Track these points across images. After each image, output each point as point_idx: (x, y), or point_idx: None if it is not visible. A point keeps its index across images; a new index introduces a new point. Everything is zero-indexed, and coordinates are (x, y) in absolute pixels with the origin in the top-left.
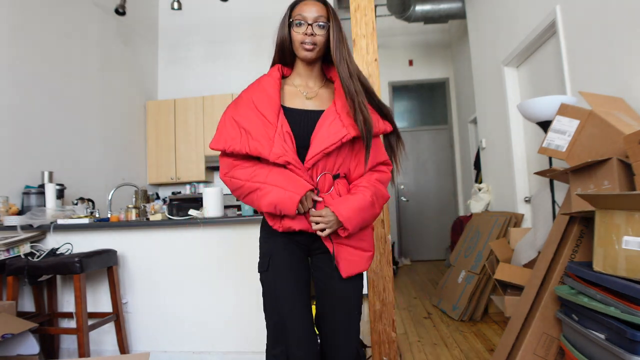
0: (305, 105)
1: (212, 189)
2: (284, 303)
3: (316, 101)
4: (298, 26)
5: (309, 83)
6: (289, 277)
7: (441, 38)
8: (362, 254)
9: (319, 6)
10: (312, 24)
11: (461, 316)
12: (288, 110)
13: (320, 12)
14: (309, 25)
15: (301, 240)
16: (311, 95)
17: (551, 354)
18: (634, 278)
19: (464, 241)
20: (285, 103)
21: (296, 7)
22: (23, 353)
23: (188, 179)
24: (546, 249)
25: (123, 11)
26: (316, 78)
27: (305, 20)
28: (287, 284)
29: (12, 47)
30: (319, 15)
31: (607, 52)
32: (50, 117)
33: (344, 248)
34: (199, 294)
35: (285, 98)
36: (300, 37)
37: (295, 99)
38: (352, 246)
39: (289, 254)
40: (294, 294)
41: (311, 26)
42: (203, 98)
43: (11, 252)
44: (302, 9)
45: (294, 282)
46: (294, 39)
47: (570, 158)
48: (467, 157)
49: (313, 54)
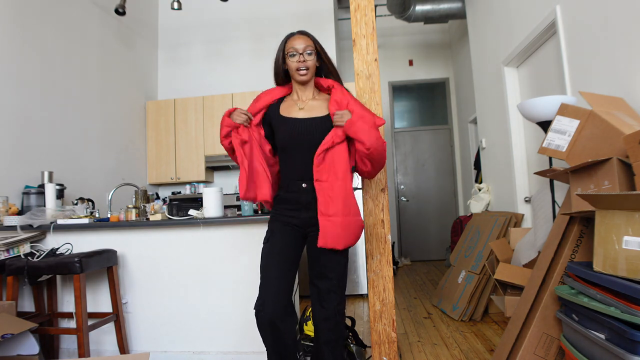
0: (298, 115)
1: (212, 189)
2: (268, 267)
3: (306, 111)
4: (292, 57)
5: (302, 97)
6: (279, 250)
7: (441, 38)
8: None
9: (304, 38)
10: (303, 53)
11: (461, 316)
12: (285, 119)
13: (306, 43)
14: (300, 55)
15: (298, 224)
16: (302, 106)
17: (551, 354)
18: (634, 278)
19: (464, 241)
20: (283, 113)
21: (288, 42)
22: (23, 353)
23: (188, 179)
24: (546, 249)
25: (123, 11)
26: (309, 93)
27: (297, 51)
28: (276, 254)
29: (12, 47)
30: (306, 46)
31: (607, 52)
32: (50, 117)
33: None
34: (199, 294)
35: (284, 109)
36: (295, 64)
37: (291, 110)
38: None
39: (285, 233)
40: (279, 262)
41: (302, 55)
42: (203, 98)
43: (11, 252)
44: (292, 43)
45: (281, 254)
46: (290, 67)
47: (570, 158)
48: (467, 157)
49: (307, 77)
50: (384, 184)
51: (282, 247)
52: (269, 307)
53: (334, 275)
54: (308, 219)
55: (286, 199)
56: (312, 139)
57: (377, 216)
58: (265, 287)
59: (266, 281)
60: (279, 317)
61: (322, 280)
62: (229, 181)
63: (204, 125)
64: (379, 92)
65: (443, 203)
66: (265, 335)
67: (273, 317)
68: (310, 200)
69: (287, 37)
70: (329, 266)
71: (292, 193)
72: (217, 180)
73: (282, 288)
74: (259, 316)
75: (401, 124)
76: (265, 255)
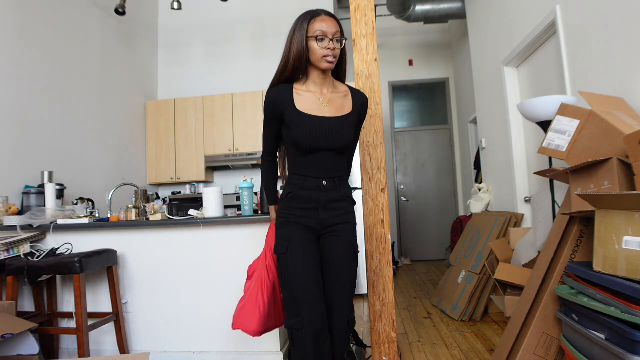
0: (323, 112)
1: (212, 189)
2: (299, 280)
3: (331, 108)
4: (320, 41)
5: (323, 90)
6: (312, 265)
7: (441, 38)
8: None
9: (335, 22)
10: (333, 39)
11: (461, 316)
12: (307, 116)
13: (337, 27)
14: (330, 40)
15: (314, 226)
16: (326, 101)
17: (551, 354)
18: (634, 278)
19: (464, 241)
20: (302, 108)
21: (315, 23)
22: (23, 353)
23: (188, 179)
24: (546, 249)
25: (123, 11)
26: (329, 85)
27: (326, 35)
28: (310, 268)
29: (12, 47)
30: (336, 31)
31: (607, 52)
32: (50, 117)
33: None
34: (199, 294)
35: (300, 103)
36: (322, 51)
37: (312, 105)
38: None
39: (305, 240)
40: (308, 273)
41: (332, 41)
42: (203, 98)
43: (11, 252)
44: (321, 25)
45: (314, 267)
46: (316, 53)
47: (570, 158)
48: (467, 157)
49: (334, 65)
50: (384, 184)
51: (309, 259)
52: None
53: (350, 280)
54: (326, 219)
55: (300, 197)
56: (341, 139)
57: (377, 216)
58: (308, 309)
59: (307, 305)
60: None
61: (337, 285)
62: (229, 181)
63: (204, 125)
64: (379, 92)
65: (443, 203)
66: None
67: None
68: (331, 199)
69: (310, 17)
70: (346, 269)
71: (309, 191)
72: (217, 180)
73: (324, 309)
74: (299, 335)
75: (401, 124)
76: (292, 271)
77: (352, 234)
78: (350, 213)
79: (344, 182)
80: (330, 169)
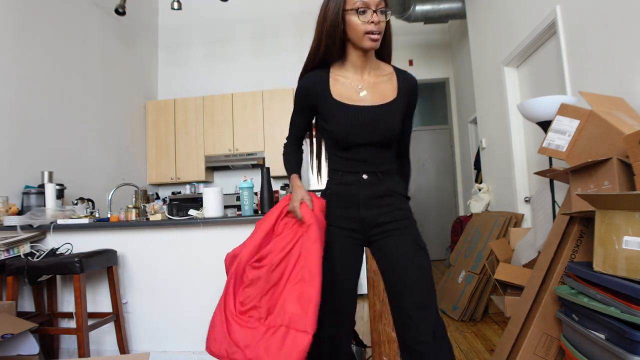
0: (362, 101)
1: (212, 188)
2: (339, 294)
3: (372, 95)
4: (362, 14)
5: (364, 75)
6: (349, 277)
7: (441, 38)
8: None
9: None
10: (377, 10)
11: (461, 316)
12: (345, 105)
13: None
14: (373, 13)
15: (357, 228)
16: (364, 88)
17: (551, 354)
18: (634, 278)
19: (464, 241)
20: (338, 97)
21: None
22: (23, 353)
23: (188, 179)
24: (546, 249)
25: (123, 11)
26: (371, 68)
27: (368, 6)
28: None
29: (12, 47)
30: (381, 0)
31: (607, 52)
32: (50, 117)
33: None
34: (199, 294)
35: (337, 90)
36: (365, 26)
37: (349, 92)
38: None
39: (345, 248)
40: (343, 282)
41: (376, 13)
42: (203, 98)
43: (11, 252)
44: None
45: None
46: (356, 29)
47: (570, 158)
48: (467, 157)
49: (378, 44)
50: None
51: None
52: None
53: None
54: (369, 217)
55: (339, 193)
56: (384, 130)
57: None
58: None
59: (337, 316)
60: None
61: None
62: (229, 181)
63: (204, 125)
64: None
65: (443, 203)
66: None
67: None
68: (372, 195)
69: None
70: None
71: (347, 186)
72: (217, 180)
73: (352, 324)
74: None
75: None
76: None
77: (409, 230)
78: (400, 210)
79: (389, 175)
80: (373, 161)
